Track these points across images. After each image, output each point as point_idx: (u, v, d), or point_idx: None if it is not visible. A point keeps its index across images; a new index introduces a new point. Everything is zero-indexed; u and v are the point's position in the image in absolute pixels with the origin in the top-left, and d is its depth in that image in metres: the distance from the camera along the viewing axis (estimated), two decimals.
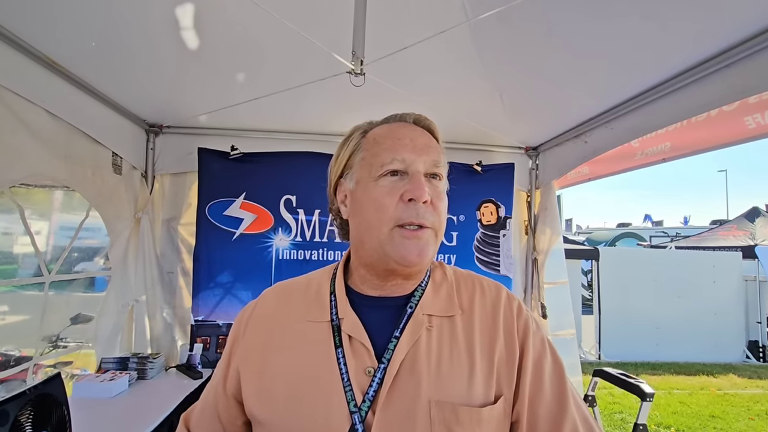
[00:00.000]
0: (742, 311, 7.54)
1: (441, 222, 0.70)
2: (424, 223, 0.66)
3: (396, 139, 0.70)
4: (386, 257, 0.67)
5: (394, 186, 0.68)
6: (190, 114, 2.45)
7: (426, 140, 0.72)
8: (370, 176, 0.69)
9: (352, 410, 0.61)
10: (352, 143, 0.75)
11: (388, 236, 0.67)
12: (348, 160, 0.74)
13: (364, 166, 0.71)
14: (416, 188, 0.66)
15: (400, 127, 0.73)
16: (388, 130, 0.73)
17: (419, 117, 0.75)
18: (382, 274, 0.71)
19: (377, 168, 0.69)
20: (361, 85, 1.63)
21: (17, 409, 1.12)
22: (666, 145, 2.04)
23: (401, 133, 0.71)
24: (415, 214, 0.66)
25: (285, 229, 2.63)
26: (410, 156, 0.68)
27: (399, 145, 0.69)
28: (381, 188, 0.68)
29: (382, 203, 0.67)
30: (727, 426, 4.46)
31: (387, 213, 0.67)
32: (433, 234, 0.69)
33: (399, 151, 0.69)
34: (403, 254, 0.66)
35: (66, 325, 2.51)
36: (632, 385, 1.98)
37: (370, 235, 0.69)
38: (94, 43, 1.66)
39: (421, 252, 0.67)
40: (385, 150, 0.70)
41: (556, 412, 0.66)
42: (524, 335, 0.70)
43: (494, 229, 2.84)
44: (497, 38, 1.67)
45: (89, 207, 2.17)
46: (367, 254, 0.71)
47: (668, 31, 1.46)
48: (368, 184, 0.69)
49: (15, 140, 1.57)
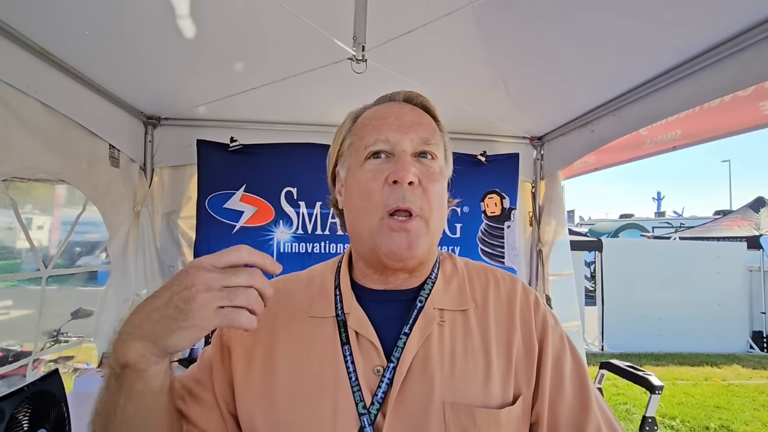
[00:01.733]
0: (747, 302, 7.50)
1: (431, 207, 0.63)
2: (411, 208, 0.61)
3: (381, 119, 0.66)
4: (377, 249, 0.63)
5: (379, 169, 0.63)
6: (188, 105, 2.41)
7: (415, 117, 0.66)
8: (357, 161, 0.65)
9: (361, 412, 0.58)
10: (344, 129, 0.71)
11: (378, 227, 0.62)
12: (340, 147, 0.71)
13: (353, 153, 0.67)
14: (400, 169, 0.61)
15: (388, 107, 0.69)
16: (374, 111, 0.69)
17: (410, 94, 0.70)
18: (379, 269, 0.67)
19: (362, 151, 0.65)
20: (362, 72, 1.59)
21: (14, 407, 1.09)
22: (677, 133, 1.99)
23: (387, 112, 0.67)
24: (401, 197, 0.61)
25: (286, 222, 2.60)
26: (394, 135, 0.63)
27: (384, 125, 0.64)
28: (366, 172, 0.64)
29: (368, 189, 0.62)
30: (732, 417, 4.45)
31: (373, 199, 0.62)
32: (423, 223, 0.62)
33: (383, 131, 0.64)
34: (392, 248, 0.61)
35: (66, 320, 2.49)
36: (640, 378, 1.94)
37: (361, 224, 0.65)
38: (87, 32, 1.62)
39: (411, 245, 0.61)
40: (369, 131, 0.65)
41: (578, 413, 0.62)
42: (543, 331, 0.66)
43: (498, 221, 2.80)
44: (502, 24, 1.62)
45: (86, 201, 2.14)
46: (360, 245, 0.67)
47: (682, 12, 1.40)
48: (357, 170, 0.65)
49: (8, 132, 1.53)
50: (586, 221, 23.01)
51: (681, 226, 14.24)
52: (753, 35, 1.40)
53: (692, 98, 1.69)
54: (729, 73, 1.52)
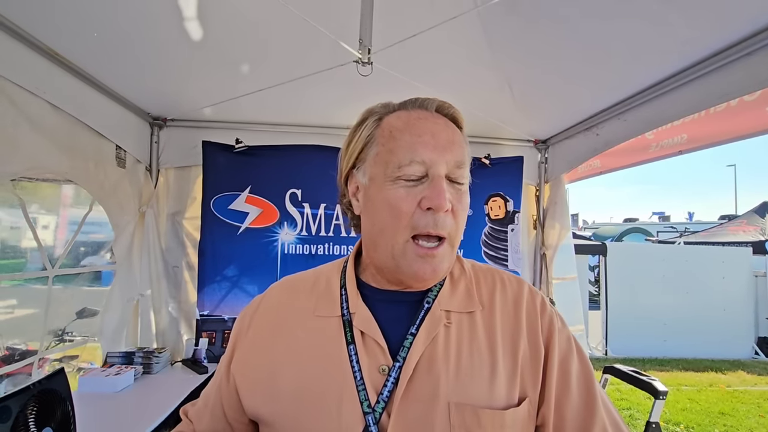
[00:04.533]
0: (752, 307, 7.43)
1: (459, 230, 0.64)
2: (441, 233, 0.61)
3: (415, 136, 0.62)
4: (398, 270, 0.63)
5: (412, 190, 0.61)
6: (194, 107, 2.43)
7: (449, 134, 0.64)
8: (385, 176, 0.62)
9: (366, 411, 0.58)
10: (365, 132, 0.67)
11: (402, 249, 0.61)
12: (360, 152, 0.67)
13: (379, 163, 0.64)
14: (436, 196, 0.59)
15: (420, 119, 0.64)
16: (406, 122, 0.64)
17: (442, 104, 0.67)
18: (393, 281, 0.67)
19: (393, 168, 0.61)
20: (368, 75, 1.60)
21: (20, 405, 1.10)
22: (683, 137, 1.98)
23: (421, 128, 0.63)
24: (433, 223, 0.60)
25: (290, 224, 2.61)
26: (431, 156, 0.61)
27: (419, 143, 0.61)
28: (397, 191, 0.61)
29: (398, 209, 0.61)
30: (737, 423, 4.41)
31: (402, 220, 0.61)
32: (449, 246, 0.63)
33: (418, 151, 0.61)
34: (416, 272, 0.61)
35: (72, 319, 2.51)
36: (644, 383, 1.93)
37: (384, 241, 0.63)
38: (95, 34, 1.63)
39: (436, 269, 0.62)
40: (402, 147, 0.62)
41: (584, 415, 0.62)
42: (549, 333, 0.66)
43: (502, 224, 2.80)
44: (507, 27, 1.62)
45: (92, 201, 2.15)
46: (378, 259, 0.66)
47: (688, 16, 1.40)
48: (383, 184, 0.62)
49: (16, 132, 1.54)
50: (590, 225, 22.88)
51: (686, 230, 14.16)
52: (759, 40, 1.40)
53: (698, 102, 1.69)
54: (735, 78, 1.52)
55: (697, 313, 7.15)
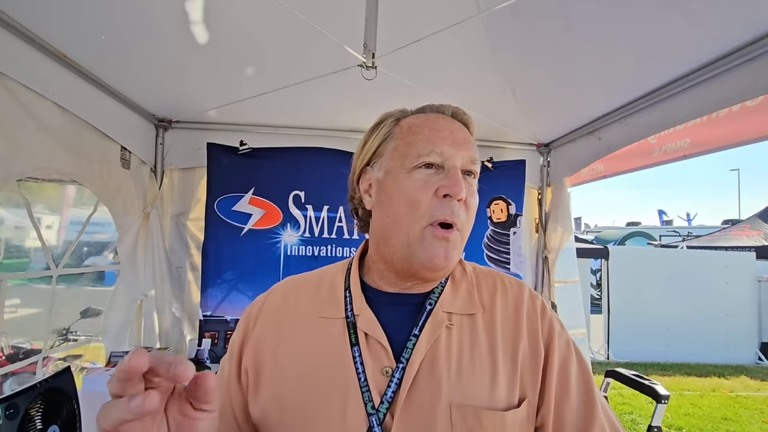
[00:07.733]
0: (755, 312, 7.40)
1: (470, 223, 0.67)
2: (455, 222, 0.63)
3: (435, 131, 0.67)
4: (412, 258, 0.64)
5: (429, 180, 0.64)
6: (199, 109, 2.44)
7: (465, 135, 0.69)
8: (402, 167, 0.66)
9: (370, 412, 0.59)
10: (383, 130, 0.71)
11: (419, 236, 0.63)
12: (378, 147, 0.70)
13: (397, 156, 0.67)
14: (454, 184, 0.63)
15: (439, 119, 0.69)
16: (425, 120, 0.69)
17: (457, 110, 0.72)
18: (402, 275, 0.68)
19: (412, 159, 0.65)
20: (372, 79, 1.61)
21: (27, 403, 1.11)
22: (686, 142, 1.99)
23: (440, 125, 0.68)
24: (450, 211, 0.63)
25: (293, 225, 2.62)
26: (449, 149, 0.65)
27: (438, 137, 0.65)
28: (415, 181, 0.64)
29: (416, 197, 0.64)
30: (740, 429, 4.39)
31: (420, 209, 0.63)
32: (460, 236, 0.65)
33: (438, 143, 0.65)
34: (431, 256, 0.63)
35: (76, 319, 2.52)
36: (646, 387, 1.93)
37: (398, 231, 0.65)
38: (104, 37, 1.65)
39: (448, 255, 0.64)
40: (422, 140, 0.66)
41: (583, 418, 0.63)
42: (549, 336, 0.67)
43: (504, 227, 2.80)
44: (510, 32, 1.63)
45: (97, 201, 2.17)
46: (390, 251, 0.67)
47: (690, 21, 1.40)
48: (399, 176, 0.66)
49: (23, 133, 1.56)
50: (593, 228, 22.83)
51: (689, 234, 14.11)
52: (762, 45, 1.40)
53: (701, 107, 1.69)
54: (738, 83, 1.52)
55: (699, 318, 7.13)
